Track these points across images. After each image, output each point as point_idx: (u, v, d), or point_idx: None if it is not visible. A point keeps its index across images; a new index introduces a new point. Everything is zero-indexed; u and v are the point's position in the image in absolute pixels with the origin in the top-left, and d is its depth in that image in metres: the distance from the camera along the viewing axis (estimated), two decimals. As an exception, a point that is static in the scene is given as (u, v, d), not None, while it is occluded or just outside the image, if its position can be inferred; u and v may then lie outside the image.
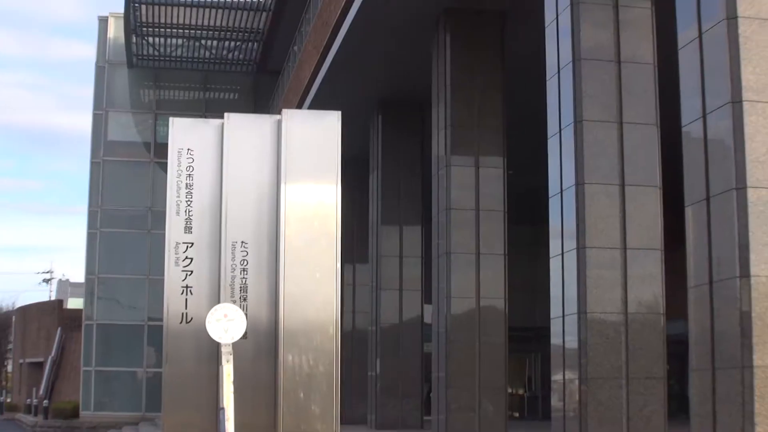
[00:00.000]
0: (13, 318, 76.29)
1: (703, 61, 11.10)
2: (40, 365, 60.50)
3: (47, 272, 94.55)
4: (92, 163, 46.03)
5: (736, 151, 10.44)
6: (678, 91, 11.56)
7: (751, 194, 10.30)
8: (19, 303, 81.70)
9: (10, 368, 79.39)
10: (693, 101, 11.25)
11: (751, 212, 10.28)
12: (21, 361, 69.19)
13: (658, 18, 14.51)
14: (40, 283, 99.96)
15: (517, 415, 34.90)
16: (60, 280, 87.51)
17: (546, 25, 15.59)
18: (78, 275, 55.77)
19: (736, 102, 10.48)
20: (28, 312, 69.92)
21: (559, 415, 14.64)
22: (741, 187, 10.34)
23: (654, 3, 14.61)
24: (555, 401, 14.93)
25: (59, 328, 58.21)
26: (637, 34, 14.61)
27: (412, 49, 22.66)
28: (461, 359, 20.81)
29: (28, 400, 57.97)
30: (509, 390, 26.08)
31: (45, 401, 51.56)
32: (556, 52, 15.23)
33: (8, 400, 71.84)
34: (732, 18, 10.61)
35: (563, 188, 14.72)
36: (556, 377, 14.84)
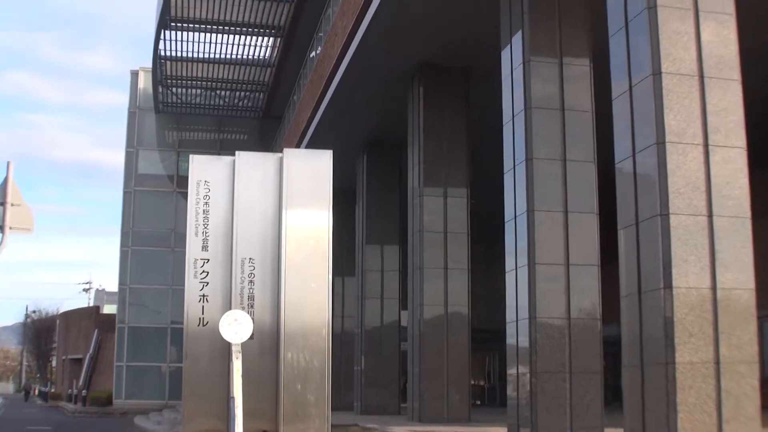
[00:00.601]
0: (57, 321, 76.02)
1: (633, 109, 11.16)
2: (79, 361, 60.20)
3: (86, 283, 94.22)
4: (125, 193, 46.15)
5: (660, 184, 10.49)
6: (612, 133, 11.60)
7: (673, 220, 10.36)
8: (63, 309, 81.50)
9: (54, 363, 78.89)
10: (625, 142, 11.30)
11: (673, 234, 10.33)
12: (63, 357, 68.90)
13: (595, 73, 14.57)
14: (80, 292, 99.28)
15: (478, 402, 34.76)
16: (97, 289, 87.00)
17: (503, 79, 15.66)
18: (112, 285, 55.53)
19: (660, 143, 10.54)
20: (70, 316, 69.61)
21: (513, 403, 14.61)
22: (665, 214, 10.40)
23: (592, 61, 14.68)
24: (510, 391, 14.89)
25: (96, 330, 57.94)
26: (578, 87, 14.66)
27: (392, 99, 22.69)
28: (432, 356, 20.81)
29: (69, 390, 57.60)
30: (472, 382, 25.97)
31: (84, 391, 51.31)
32: (511, 101, 15.28)
33: (52, 390, 71.50)
34: (657, 74, 10.69)
35: (516, 214, 14.77)
36: (511, 371, 14.81)
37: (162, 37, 34.95)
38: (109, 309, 62.02)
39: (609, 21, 11.81)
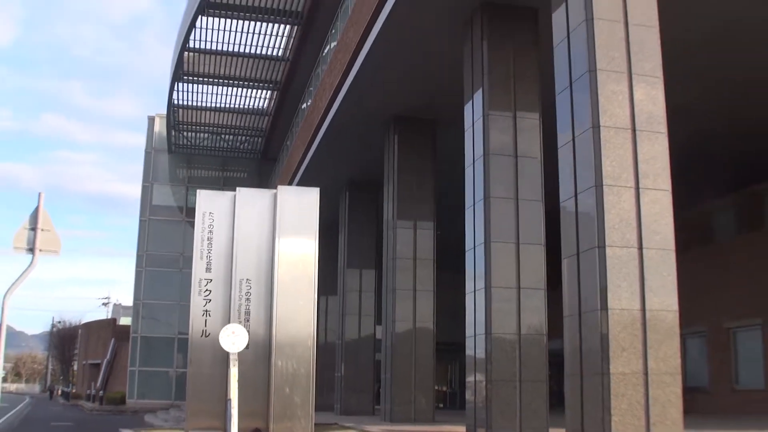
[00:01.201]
0: (79, 331, 75.59)
1: (575, 157, 11.19)
2: (97, 366, 59.78)
3: (105, 298, 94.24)
4: (140, 221, 46.13)
5: (597, 220, 10.51)
6: (557, 176, 11.62)
7: (608, 251, 10.37)
8: (84, 320, 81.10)
9: (75, 367, 78.15)
10: (568, 185, 11.31)
11: (608, 264, 10.34)
12: (84, 362, 68.38)
13: (543, 125, 14.62)
14: (99, 306, 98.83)
15: (441, 405, 34.61)
16: (114, 303, 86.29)
17: (465, 129, 15.68)
18: (128, 300, 55.21)
19: (598, 186, 10.56)
20: (91, 327, 69.26)
21: (471, 406, 14.54)
22: (601, 246, 10.41)
23: (541, 115, 14.74)
24: (468, 396, 14.82)
25: (113, 339, 57.65)
26: (529, 137, 14.72)
27: (370, 145, 22.74)
28: (402, 365, 20.74)
29: (88, 391, 57.30)
30: (436, 387, 25.84)
31: (101, 392, 51.15)
32: (472, 148, 15.30)
33: (73, 390, 70.99)
34: (596, 127, 10.72)
35: (476, 245, 14.76)
36: (470, 379, 14.74)
37: (175, 88, 35.06)
38: (124, 321, 61.62)
39: (556, 81, 11.86)
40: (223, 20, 28.60)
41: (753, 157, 25.25)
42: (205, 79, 34.19)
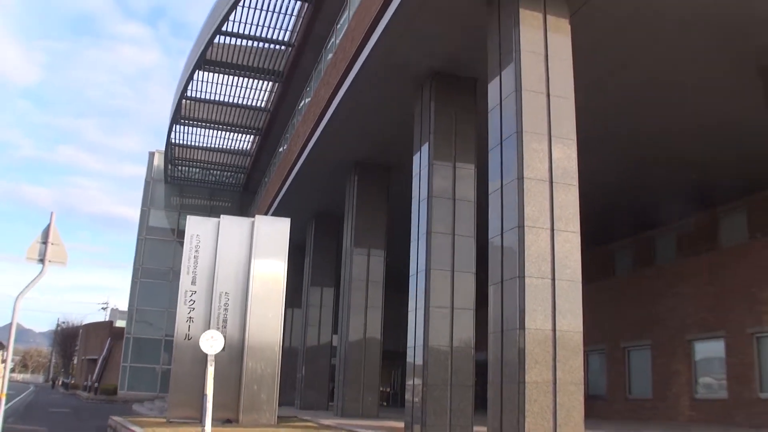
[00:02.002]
0: (80, 331, 74.10)
1: (503, 202, 11.26)
2: (95, 361, 58.53)
3: (104, 303, 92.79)
4: (138, 239, 45.65)
5: (519, 255, 10.57)
6: (487, 217, 11.69)
7: (527, 281, 10.42)
8: (85, 322, 79.56)
9: (75, 362, 76.50)
10: (496, 224, 11.35)
11: (527, 291, 10.39)
12: (83, 357, 67.03)
13: (477, 174, 14.74)
14: (99, 310, 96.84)
15: (385, 404, 34.42)
16: (112, 308, 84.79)
17: (414, 175, 15.76)
18: (124, 306, 54.42)
19: (521, 227, 10.63)
20: (90, 327, 68.05)
21: (409, 405, 14.46)
22: (521, 276, 10.46)
23: (476, 166, 14.86)
24: (407, 396, 14.75)
25: (109, 338, 56.56)
26: (465, 183, 14.80)
27: (334, 184, 22.73)
28: (353, 369, 20.64)
29: (85, 382, 56.16)
30: (381, 388, 25.77)
31: (96, 383, 50.12)
32: (419, 191, 15.36)
33: (72, 381, 69.47)
34: (520, 178, 10.83)
35: (418, 271, 14.78)
36: (409, 382, 14.68)
37: (173, 129, 34.87)
38: (120, 323, 60.58)
39: (489, 139, 11.93)
40: (216, 75, 28.62)
41: (646, 207, 25.77)
42: (199, 123, 34.05)
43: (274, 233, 17.83)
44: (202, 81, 29.21)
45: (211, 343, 9.31)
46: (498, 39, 12.00)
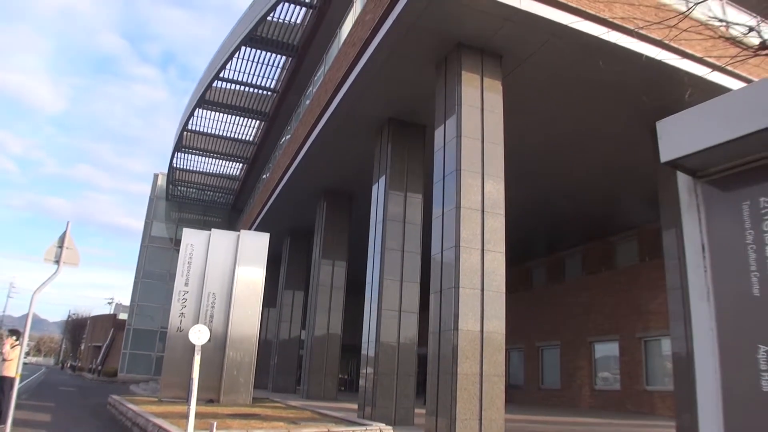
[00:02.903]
0: (88, 322, 72.02)
1: (443, 225, 11.32)
2: (99, 347, 56.90)
3: (110, 298, 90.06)
4: (141, 246, 44.59)
5: (455, 269, 10.63)
6: (431, 237, 11.75)
7: (461, 291, 10.49)
8: (93, 314, 77.41)
9: (82, 348, 74.32)
10: (437, 244, 11.40)
11: (460, 299, 10.45)
12: (89, 344, 65.11)
13: (424, 203, 14.80)
14: (105, 304, 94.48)
15: (342, 389, 34.11)
16: (116, 303, 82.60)
17: (372, 202, 15.79)
18: (126, 301, 53.11)
19: (457, 246, 10.70)
20: (97, 319, 66.21)
21: (362, 390, 14.35)
22: (456, 287, 10.52)
23: (423, 195, 14.95)
24: (361, 383, 14.66)
25: (112, 329, 55.08)
26: (414, 209, 14.86)
27: (306, 208, 22.64)
28: (317, 358, 20.46)
29: (90, 365, 54.48)
30: (340, 375, 25.54)
31: (99, 367, 48.77)
32: (376, 215, 15.38)
33: (79, 364, 67.39)
34: (458, 207, 10.92)
35: (374, 280, 14.75)
36: (363, 371, 14.59)
37: (175, 156, 34.40)
38: (122, 316, 58.91)
39: (434, 175, 12.01)
40: (213, 112, 28.40)
41: (559, 233, 26.19)
42: (197, 152, 33.67)
43: (255, 245, 17.68)
44: (201, 117, 28.99)
45: (199, 335, 9.15)
46: (444, 95, 12.15)
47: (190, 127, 30.19)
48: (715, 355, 2.72)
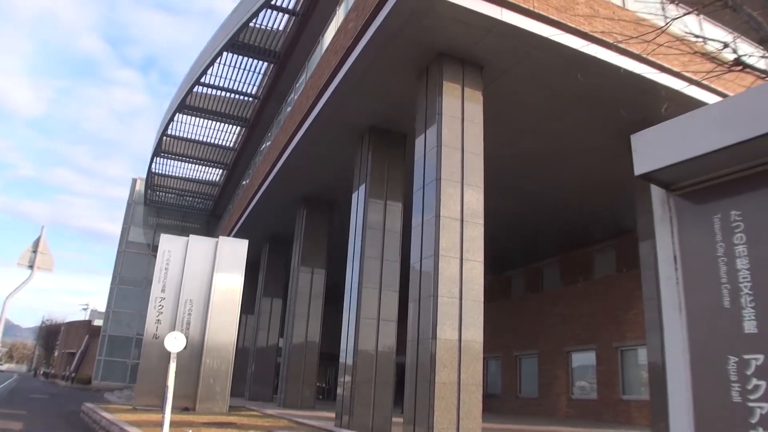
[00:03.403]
0: (63, 328, 70.98)
1: (423, 234, 11.35)
2: (73, 354, 56.06)
3: (85, 304, 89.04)
4: (118, 251, 44.00)
5: (434, 278, 10.65)
6: (410, 246, 11.75)
7: (440, 299, 10.51)
8: (67, 319, 76.21)
9: (56, 354, 73.10)
10: (417, 252, 11.43)
11: (439, 308, 10.47)
12: (63, 351, 64.17)
13: (404, 211, 14.80)
14: (81, 310, 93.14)
15: (320, 397, 33.95)
16: (92, 309, 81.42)
17: (352, 210, 15.78)
18: (102, 307, 52.39)
19: (436, 255, 10.73)
20: (72, 325, 65.28)
21: (340, 399, 14.30)
22: (435, 296, 10.53)
23: (403, 204, 14.97)
24: (339, 391, 14.60)
25: (87, 335, 54.29)
26: (394, 218, 14.85)
27: (285, 215, 22.56)
28: (295, 366, 20.32)
29: (64, 372, 53.54)
30: (317, 384, 25.41)
31: (73, 374, 47.94)
32: (355, 223, 15.36)
33: (52, 371, 66.28)
34: (438, 216, 10.96)
35: (352, 287, 14.72)
36: (341, 379, 14.54)
37: (154, 161, 34.12)
38: (98, 322, 58.14)
39: (414, 183, 12.05)
40: (193, 118, 28.24)
41: (538, 242, 26.39)
42: (176, 157, 33.42)
43: (234, 252, 17.58)
44: (182, 122, 28.81)
45: (175, 342, 9.06)
46: (425, 104, 12.21)
47: (169, 132, 29.98)
48: (686, 366, 2.76)
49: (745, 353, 2.57)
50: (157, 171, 36.20)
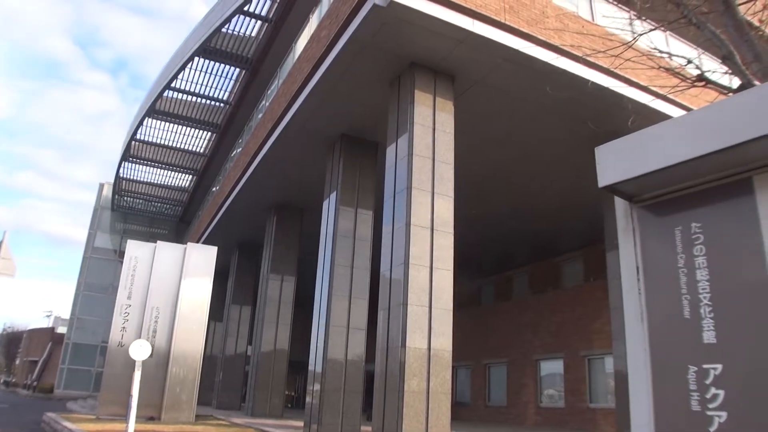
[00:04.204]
0: (24, 335, 69.18)
1: (393, 242, 11.37)
2: (35, 362, 54.69)
3: (49, 311, 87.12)
4: (84, 257, 43.16)
5: (404, 286, 10.66)
6: (381, 254, 11.75)
7: (409, 308, 10.51)
8: (30, 326, 74.32)
9: (17, 363, 71.18)
10: (387, 260, 11.43)
11: (409, 316, 10.48)
12: (25, 359, 62.53)
13: (374, 219, 14.81)
14: (44, 317, 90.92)
15: (289, 406, 33.60)
16: (56, 316, 79.58)
17: (323, 218, 15.73)
18: (66, 314, 51.28)
19: (406, 264, 10.74)
20: (34, 332, 63.74)
21: (309, 407, 14.21)
22: (405, 304, 10.54)
23: (374, 212, 14.96)
24: (308, 399, 14.50)
25: (50, 343, 53.06)
26: (364, 226, 14.84)
27: (256, 222, 22.36)
28: (263, 375, 20.10)
29: (25, 381, 52.22)
30: (286, 392, 25.18)
31: (35, 383, 46.78)
32: (326, 231, 15.31)
33: (13, 380, 64.51)
34: (408, 224, 10.98)
35: (322, 296, 14.66)
36: (310, 387, 14.45)
37: (122, 165, 33.61)
38: (61, 330, 56.85)
39: (385, 192, 12.09)
40: (163, 122, 27.91)
41: (507, 252, 26.61)
42: (145, 162, 32.95)
43: (202, 258, 17.38)
44: (151, 127, 28.43)
45: (140, 350, 8.91)
46: (397, 113, 12.27)
47: (138, 136, 29.55)
48: (648, 375, 2.80)
49: (705, 363, 2.63)
50: (125, 176, 35.65)
